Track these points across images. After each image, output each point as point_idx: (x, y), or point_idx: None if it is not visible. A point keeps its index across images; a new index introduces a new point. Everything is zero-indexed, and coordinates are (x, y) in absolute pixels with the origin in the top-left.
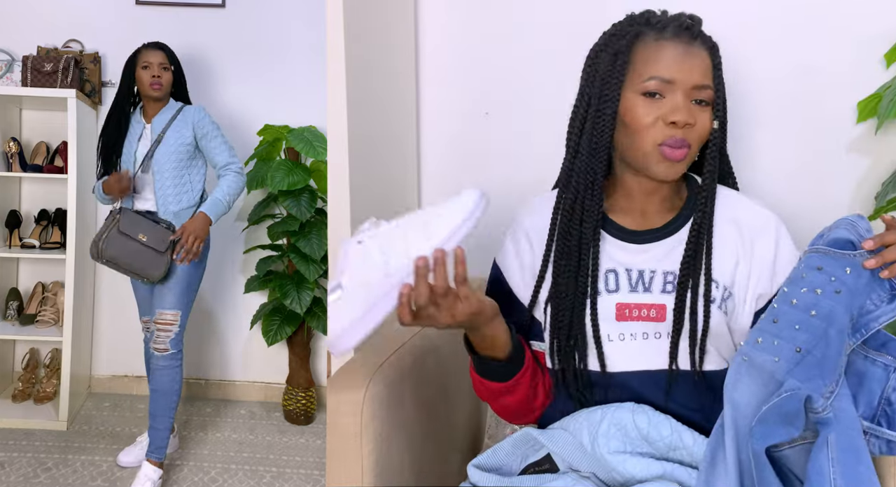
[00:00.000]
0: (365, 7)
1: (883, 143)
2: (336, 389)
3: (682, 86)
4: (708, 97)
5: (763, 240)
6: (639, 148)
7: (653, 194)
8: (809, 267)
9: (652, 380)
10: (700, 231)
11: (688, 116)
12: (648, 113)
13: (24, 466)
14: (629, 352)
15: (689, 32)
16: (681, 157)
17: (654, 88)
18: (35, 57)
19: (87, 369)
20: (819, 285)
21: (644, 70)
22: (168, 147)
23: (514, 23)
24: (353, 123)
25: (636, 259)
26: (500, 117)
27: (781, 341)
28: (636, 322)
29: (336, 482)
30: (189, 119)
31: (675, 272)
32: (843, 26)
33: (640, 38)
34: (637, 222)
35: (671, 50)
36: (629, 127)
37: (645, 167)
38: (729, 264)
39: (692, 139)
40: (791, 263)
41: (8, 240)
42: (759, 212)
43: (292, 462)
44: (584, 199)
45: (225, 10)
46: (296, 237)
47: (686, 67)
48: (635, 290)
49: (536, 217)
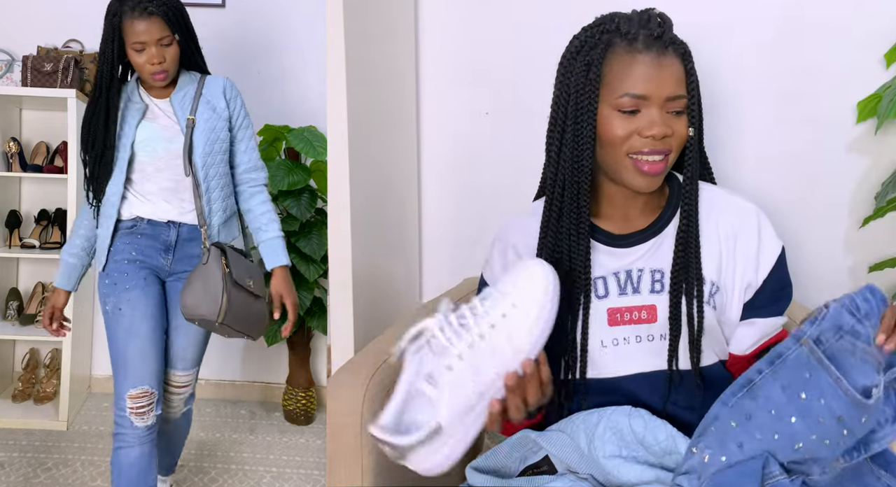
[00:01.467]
0: (365, 7)
1: (883, 143)
2: (336, 389)
3: (656, 101)
4: (682, 106)
5: (745, 233)
6: (615, 160)
7: (635, 199)
8: (828, 412)
9: (647, 382)
10: (688, 235)
11: (664, 129)
12: (624, 127)
13: (24, 466)
14: (623, 357)
15: (661, 41)
16: (659, 171)
17: (628, 106)
18: (35, 57)
19: (87, 369)
20: (831, 437)
21: (617, 86)
22: (207, 134)
23: (514, 23)
24: (353, 123)
25: (623, 261)
26: (500, 117)
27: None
28: (628, 325)
29: (336, 482)
30: (219, 94)
31: (662, 269)
32: (843, 26)
33: (611, 50)
34: (621, 226)
35: (643, 63)
36: (603, 140)
37: (622, 179)
38: (714, 259)
39: (671, 146)
40: (774, 253)
41: (8, 240)
42: (740, 204)
43: (292, 462)
44: (571, 211)
45: (225, 10)
46: (296, 237)
47: (659, 81)
48: (624, 292)
49: (521, 231)
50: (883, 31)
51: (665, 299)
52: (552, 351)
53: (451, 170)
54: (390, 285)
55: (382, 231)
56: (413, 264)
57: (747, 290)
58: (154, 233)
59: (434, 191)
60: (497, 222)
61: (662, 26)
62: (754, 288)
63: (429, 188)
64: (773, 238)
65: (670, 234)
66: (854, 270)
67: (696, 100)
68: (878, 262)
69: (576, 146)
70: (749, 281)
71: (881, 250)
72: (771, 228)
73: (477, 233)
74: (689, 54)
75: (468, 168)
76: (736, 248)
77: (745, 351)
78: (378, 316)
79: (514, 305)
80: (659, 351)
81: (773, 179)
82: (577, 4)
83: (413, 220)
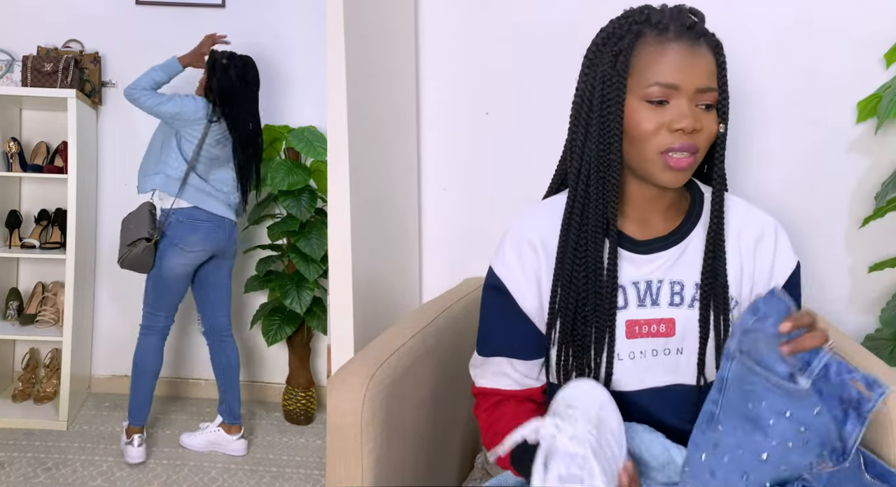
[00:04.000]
0: (365, 7)
1: (883, 143)
2: (336, 389)
3: (686, 91)
4: (712, 99)
5: (763, 247)
6: (642, 156)
7: (656, 201)
8: (774, 412)
9: (660, 397)
10: (716, 245)
11: (694, 122)
12: (652, 120)
13: (24, 466)
14: (638, 370)
15: (693, 32)
16: (686, 166)
17: (657, 96)
18: (35, 57)
19: (87, 369)
20: (790, 438)
21: (646, 75)
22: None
23: (514, 23)
24: (353, 123)
25: (642, 270)
26: (500, 117)
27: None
28: (646, 338)
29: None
30: None
31: (682, 281)
32: (843, 26)
33: (641, 39)
34: (641, 231)
35: (674, 52)
36: (631, 134)
37: (649, 175)
38: (735, 272)
39: (700, 143)
40: (788, 269)
41: (8, 240)
42: (760, 217)
43: (292, 462)
44: (597, 209)
45: (225, 10)
46: (296, 237)
47: (690, 71)
48: (643, 304)
49: (538, 227)
50: (883, 31)
51: (684, 313)
52: (570, 358)
53: (451, 170)
54: (390, 285)
55: (382, 231)
56: (413, 264)
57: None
58: None
59: (434, 191)
60: (497, 222)
61: (696, 18)
62: None
63: (429, 188)
64: (789, 253)
65: (692, 244)
66: (854, 270)
67: (726, 96)
68: (878, 262)
69: (602, 140)
70: (759, 292)
71: (881, 250)
72: (788, 243)
73: (477, 233)
74: (721, 48)
75: (468, 168)
76: (755, 261)
77: None
78: (378, 316)
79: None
80: (673, 366)
81: (773, 179)
82: (578, 4)
83: (413, 220)
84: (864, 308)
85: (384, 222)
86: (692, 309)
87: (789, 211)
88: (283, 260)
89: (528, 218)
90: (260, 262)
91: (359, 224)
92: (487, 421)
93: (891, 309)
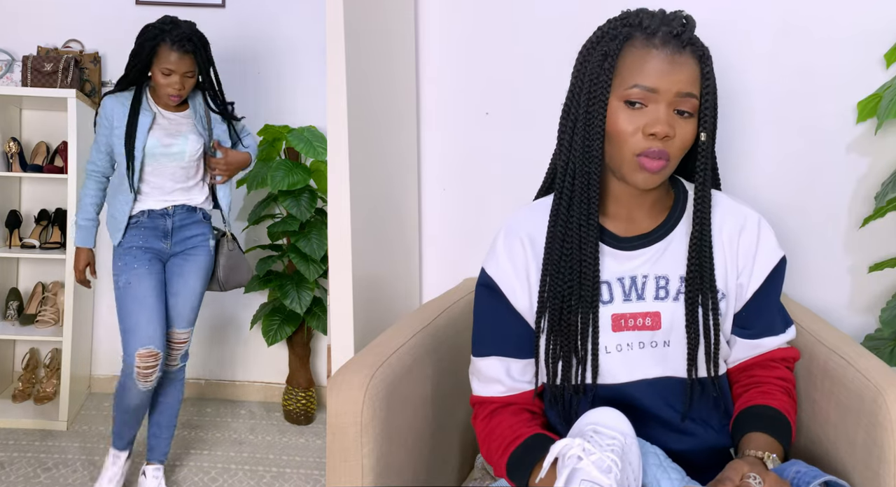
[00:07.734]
0: (365, 7)
1: (883, 143)
2: (336, 389)
3: (665, 96)
4: (692, 107)
5: (745, 238)
6: (620, 156)
7: (640, 199)
8: None
9: (651, 389)
10: (702, 243)
11: (667, 129)
12: (630, 121)
13: (24, 466)
14: (627, 362)
15: (679, 40)
16: (657, 169)
17: (636, 97)
18: (35, 57)
19: (87, 369)
20: None
21: (629, 77)
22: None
23: (514, 23)
24: (353, 123)
25: (627, 265)
26: (500, 117)
27: None
28: (632, 331)
29: (336, 482)
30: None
31: (667, 276)
32: (843, 26)
33: (629, 42)
34: (626, 227)
35: (657, 58)
36: (610, 134)
37: (623, 175)
38: (720, 268)
39: (672, 151)
40: (771, 262)
41: (8, 240)
42: (742, 211)
43: (292, 462)
44: (581, 203)
45: (225, 10)
46: (296, 237)
47: (671, 77)
48: (629, 299)
49: (531, 225)
50: (883, 31)
51: (669, 306)
52: (557, 353)
53: (451, 170)
54: (390, 285)
55: (382, 231)
56: (413, 264)
57: (738, 294)
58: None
59: (434, 191)
60: (497, 222)
61: (685, 26)
62: (743, 292)
63: (429, 188)
64: (773, 246)
65: (676, 239)
66: (854, 270)
67: (711, 105)
68: (878, 262)
69: (586, 137)
70: (742, 281)
71: (881, 250)
72: (772, 237)
73: (477, 233)
74: (708, 58)
75: (468, 168)
76: (738, 252)
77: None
78: (378, 316)
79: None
80: (661, 358)
81: (773, 179)
82: (578, 5)
83: (413, 220)
84: (864, 308)
85: (384, 222)
86: (677, 302)
87: (789, 211)
88: (283, 260)
89: (519, 218)
90: (260, 262)
91: (359, 224)
92: (484, 432)
93: (891, 309)
